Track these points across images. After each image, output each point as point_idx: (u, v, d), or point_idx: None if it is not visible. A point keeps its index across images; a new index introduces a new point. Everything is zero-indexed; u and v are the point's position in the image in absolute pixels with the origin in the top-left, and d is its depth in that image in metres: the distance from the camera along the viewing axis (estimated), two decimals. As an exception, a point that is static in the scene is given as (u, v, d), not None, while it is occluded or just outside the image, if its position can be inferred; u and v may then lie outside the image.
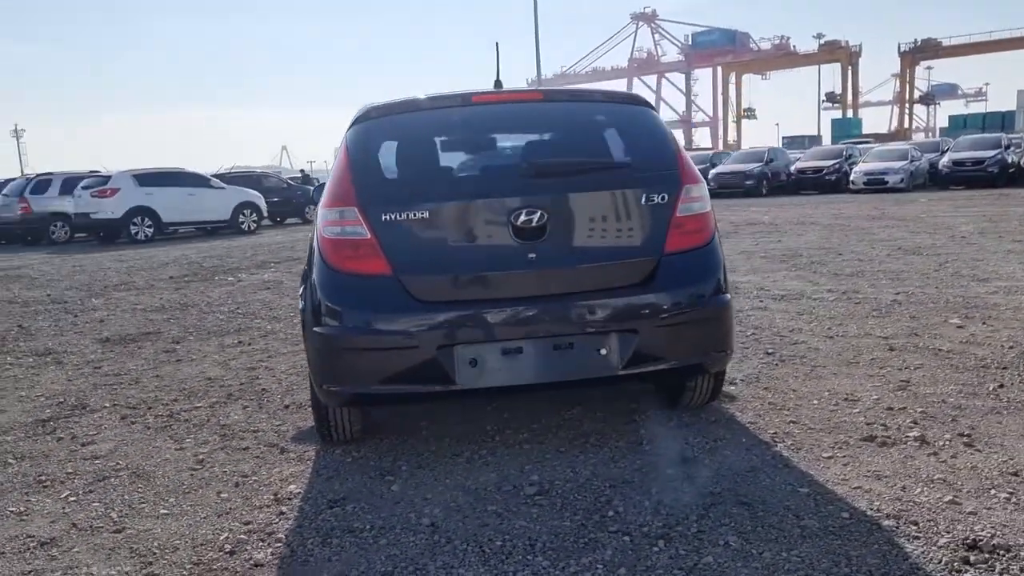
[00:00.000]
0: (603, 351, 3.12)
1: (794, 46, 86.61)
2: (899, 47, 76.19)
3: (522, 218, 3.09)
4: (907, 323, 5.37)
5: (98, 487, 3.24)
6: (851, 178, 22.80)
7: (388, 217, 3.11)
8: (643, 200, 3.22)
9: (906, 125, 78.13)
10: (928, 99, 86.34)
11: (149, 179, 17.91)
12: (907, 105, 78.79)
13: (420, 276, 3.10)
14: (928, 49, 74.73)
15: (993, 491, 2.77)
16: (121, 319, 7.37)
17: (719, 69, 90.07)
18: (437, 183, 3.30)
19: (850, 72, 79.05)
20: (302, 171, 30.35)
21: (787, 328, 5.42)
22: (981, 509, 2.64)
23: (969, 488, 2.80)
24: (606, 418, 3.73)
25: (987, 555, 2.35)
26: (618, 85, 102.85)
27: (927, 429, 3.38)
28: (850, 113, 77.66)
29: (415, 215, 3.11)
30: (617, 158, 3.46)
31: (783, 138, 59.77)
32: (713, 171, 25.41)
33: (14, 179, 20.23)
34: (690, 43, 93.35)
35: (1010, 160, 21.53)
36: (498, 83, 3.81)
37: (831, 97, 79.21)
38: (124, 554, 2.63)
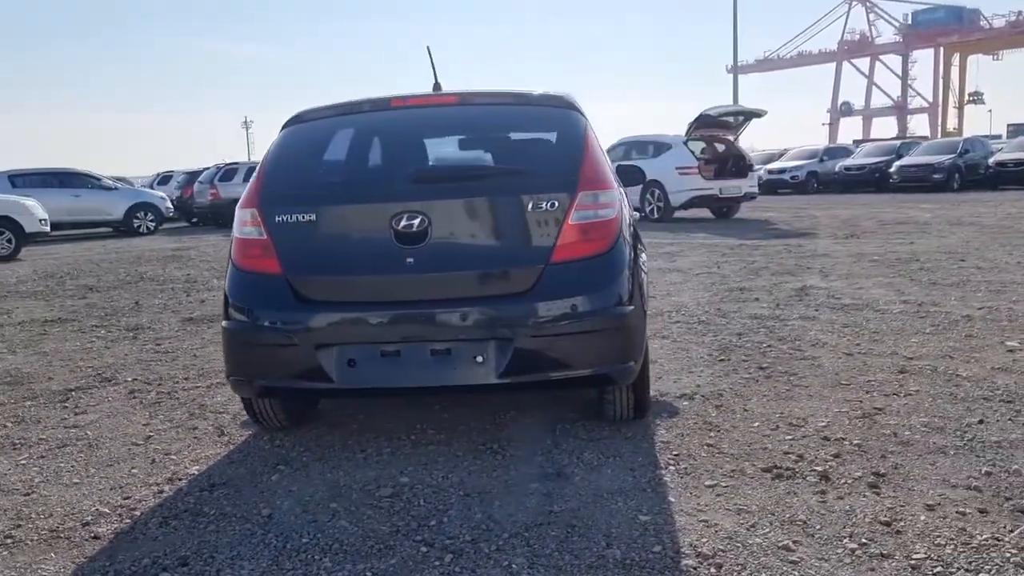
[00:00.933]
0: (479, 359, 3.10)
1: (1033, 22, 77.36)
2: None
3: (403, 223, 3.13)
4: (954, 343, 4.80)
5: (51, 454, 3.64)
6: (1061, 172, 20.27)
7: (281, 219, 3.26)
8: (530, 207, 3.15)
9: None
10: None
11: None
12: None
13: (306, 277, 3.23)
14: None
15: (845, 540, 2.48)
16: (220, 301, 8.06)
17: (941, 50, 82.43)
18: (327, 186, 3.40)
19: (1101, 50, 69.58)
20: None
21: (811, 342, 5.01)
22: (810, 559, 2.38)
23: (821, 535, 2.52)
24: (532, 425, 3.68)
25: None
26: (827, 69, 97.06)
27: (843, 465, 3.06)
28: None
29: (304, 217, 3.23)
30: (509, 163, 3.40)
31: (1008, 126, 53.77)
32: (897, 163, 23.47)
33: (207, 168, 22.46)
34: (909, 22, 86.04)
35: None
36: (437, 86, 3.83)
37: (1075, 79, 70.11)
38: (9, 516, 2.97)
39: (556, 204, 3.15)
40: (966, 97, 79.74)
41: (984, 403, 3.68)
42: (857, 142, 39.57)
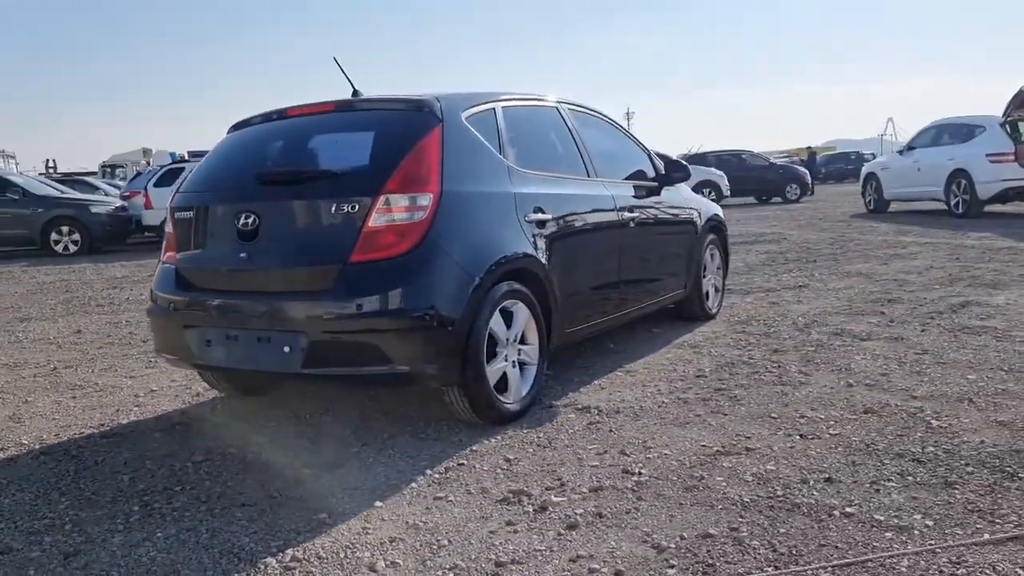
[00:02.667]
0: (287, 349, 3.35)
1: None
2: None
3: (241, 221, 3.49)
4: (1014, 387, 3.77)
5: (87, 396, 4.58)
6: None
7: (177, 216, 3.80)
8: (334, 208, 3.30)
9: None
10: None
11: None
12: None
13: (186, 267, 3.73)
14: None
15: (442, 571, 2.33)
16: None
17: None
18: (208, 188, 3.80)
19: None
20: (809, 148, 29.09)
21: (835, 367, 4.27)
22: (373, 581, 2.30)
23: (433, 563, 2.38)
24: (405, 418, 3.78)
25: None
26: None
27: (585, 500, 2.75)
28: None
29: (186, 215, 3.74)
30: (330, 166, 3.53)
31: None
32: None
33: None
34: None
35: None
36: (356, 93, 4.03)
37: None
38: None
39: (357, 207, 3.26)
40: None
41: (885, 461, 2.94)
42: None
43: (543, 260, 3.78)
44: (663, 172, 5.21)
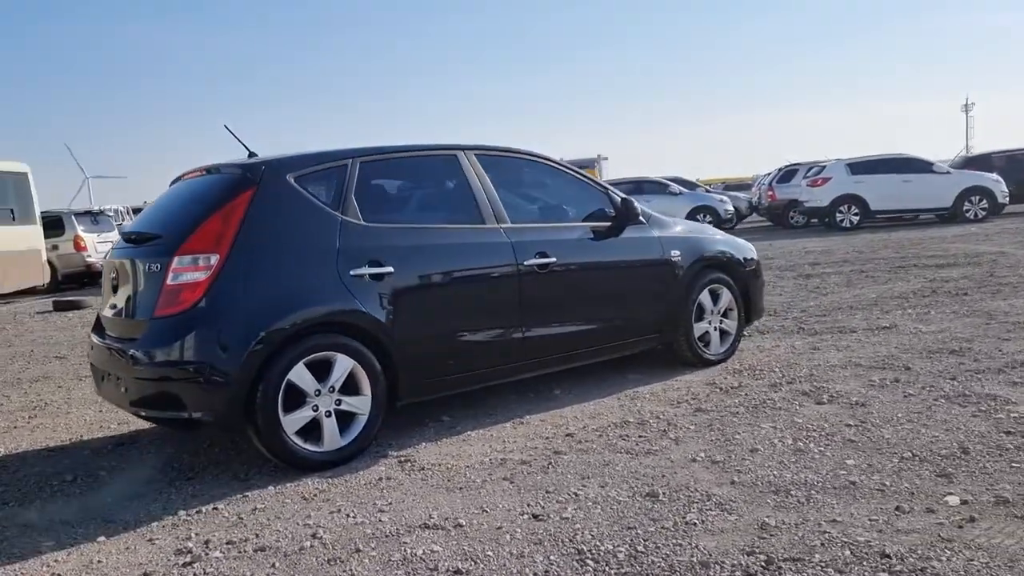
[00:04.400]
0: (123, 390, 3.81)
1: None
2: None
3: (112, 275, 4.04)
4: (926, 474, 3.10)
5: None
6: None
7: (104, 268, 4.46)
8: (147, 268, 3.71)
9: None
10: None
11: (862, 167, 17.92)
12: None
13: (101, 313, 4.35)
14: None
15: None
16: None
17: None
18: (116, 245, 4.35)
19: None
20: None
21: (722, 435, 3.75)
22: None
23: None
24: (251, 461, 4.04)
25: None
26: None
27: (249, 563, 2.84)
28: None
29: (106, 267, 4.36)
30: (156, 228, 3.87)
31: None
32: None
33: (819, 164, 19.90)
34: None
35: None
36: (252, 154, 4.33)
37: None
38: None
39: (159, 266, 3.63)
40: None
41: (553, 558, 2.64)
42: None
43: (375, 313, 3.83)
44: (623, 211, 4.89)
